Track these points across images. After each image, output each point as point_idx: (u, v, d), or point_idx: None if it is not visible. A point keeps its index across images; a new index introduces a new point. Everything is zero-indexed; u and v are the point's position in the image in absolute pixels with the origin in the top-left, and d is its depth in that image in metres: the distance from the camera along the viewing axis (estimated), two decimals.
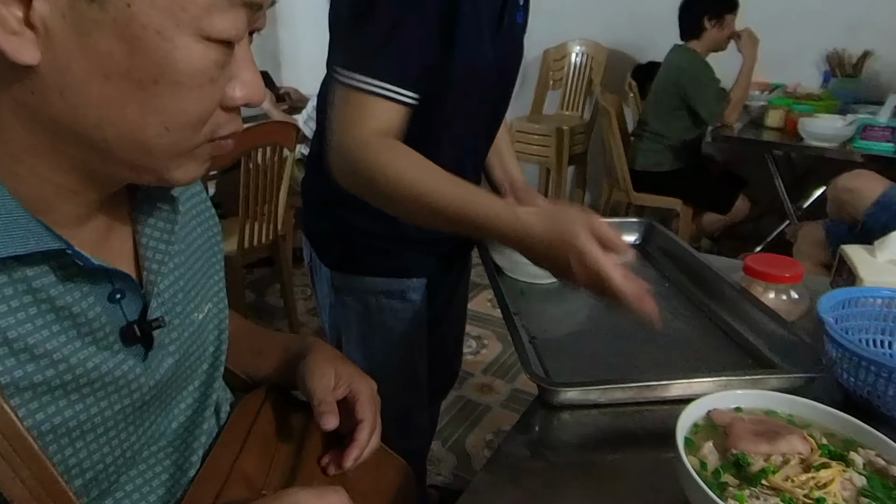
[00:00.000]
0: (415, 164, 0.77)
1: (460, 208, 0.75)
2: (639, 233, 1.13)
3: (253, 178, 2.03)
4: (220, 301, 0.60)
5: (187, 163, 0.45)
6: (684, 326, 0.87)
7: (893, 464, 0.51)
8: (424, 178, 0.76)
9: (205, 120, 0.43)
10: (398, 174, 0.76)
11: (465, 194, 0.75)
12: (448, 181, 0.76)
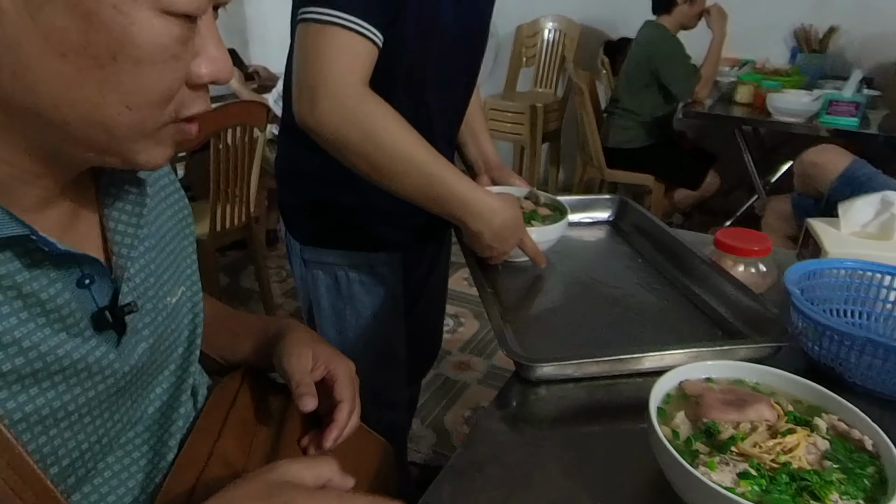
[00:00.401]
0: (405, 123, 0.80)
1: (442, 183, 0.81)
2: (612, 209, 1.15)
3: (223, 159, 1.99)
4: (194, 284, 0.59)
5: (152, 146, 0.43)
6: (656, 300, 0.88)
7: (855, 427, 0.53)
8: (413, 139, 0.80)
9: (169, 98, 0.41)
10: (391, 131, 0.78)
11: (448, 170, 0.82)
12: (431, 151, 0.81)
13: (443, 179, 0.82)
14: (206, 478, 0.53)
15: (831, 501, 0.47)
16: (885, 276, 0.79)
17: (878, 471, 0.50)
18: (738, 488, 0.48)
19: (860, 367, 0.67)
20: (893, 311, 0.79)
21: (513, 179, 1.11)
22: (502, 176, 1.12)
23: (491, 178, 1.13)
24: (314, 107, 0.76)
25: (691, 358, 0.68)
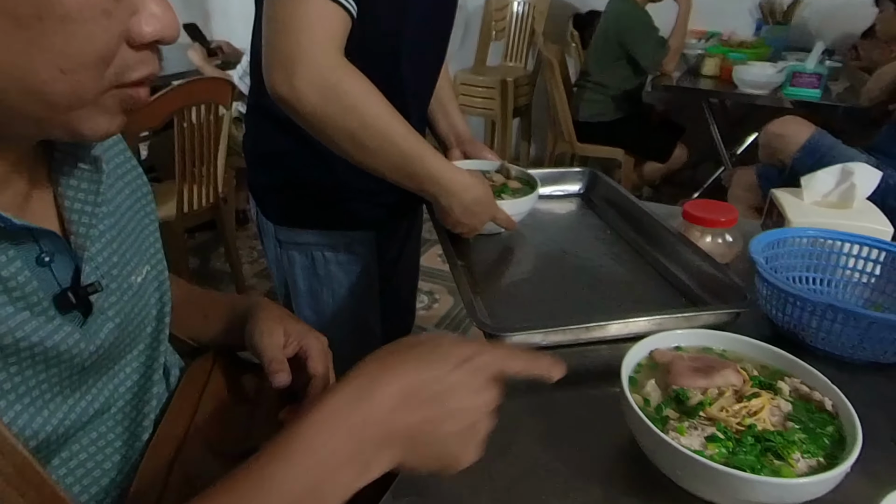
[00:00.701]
0: (382, 97, 0.78)
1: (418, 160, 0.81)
2: (583, 182, 1.15)
3: (188, 138, 1.94)
4: (159, 263, 0.58)
5: (97, 114, 0.41)
6: (625, 271, 0.90)
7: (816, 389, 0.56)
8: (391, 114, 0.79)
9: (106, 59, 0.39)
10: (371, 105, 0.77)
11: (422, 146, 0.82)
12: (401, 119, 0.80)
13: (417, 156, 0.81)
14: (183, 455, 0.53)
15: (793, 460, 0.49)
16: (844, 244, 0.81)
17: (836, 429, 0.52)
18: (706, 451, 0.50)
19: (821, 331, 0.69)
20: (853, 277, 0.81)
21: (485, 153, 1.11)
22: (474, 150, 1.12)
23: (463, 151, 1.12)
24: (291, 79, 0.73)
25: (654, 325, 0.70)
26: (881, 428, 0.60)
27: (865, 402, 0.54)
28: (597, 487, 0.54)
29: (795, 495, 0.47)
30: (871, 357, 0.69)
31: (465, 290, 0.77)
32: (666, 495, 0.52)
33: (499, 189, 1.02)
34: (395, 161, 0.81)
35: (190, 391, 0.60)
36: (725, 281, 0.77)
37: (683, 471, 0.50)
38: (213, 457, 0.56)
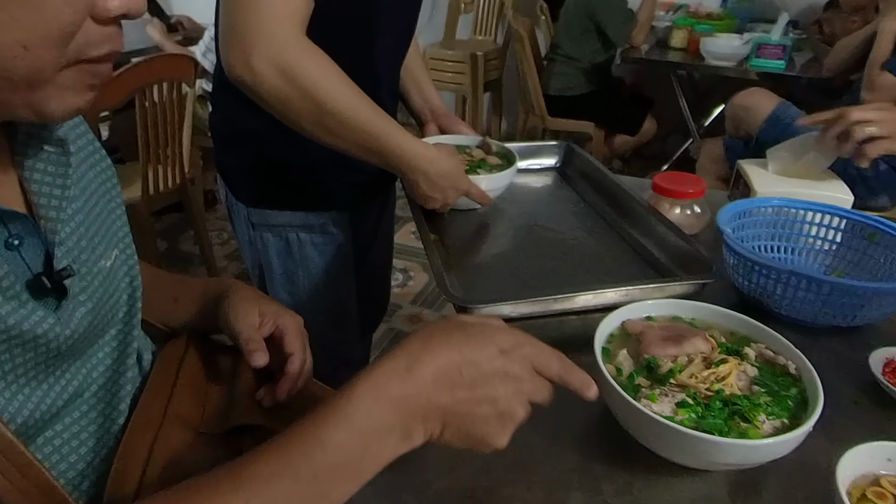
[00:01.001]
0: (345, 77, 0.77)
1: (383, 137, 0.80)
2: (558, 155, 1.16)
3: (151, 118, 1.88)
4: (127, 247, 0.57)
5: (61, 91, 0.39)
6: (596, 244, 0.91)
7: (780, 354, 0.58)
8: (354, 93, 0.78)
9: (70, 34, 0.37)
10: (333, 85, 0.75)
11: (386, 123, 0.81)
12: (369, 100, 0.79)
13: (381, 132, 0.81)
14: (163, 437, 0.53)
15: (759, 422, 0.51)
16: (807, 213, 0.83)
17: (800, 392, 0.54)
18: (676, 417, 0.51)
19: (785, 298, 0.72)
20: (815, 244, 0.84)
21: (460, 127, 1.11)
22: (449, 124, 1.11)
23: (438, 126, 1.12)
24: (248, 58, 0.71)
25: (622, 296, 0.72)
26: (841, 389, 0.63)
27: (827, 365, 0.56)
28: (572, 455, 0.55)
29: (761, 455, 0.49)
30: (831, 321, 0.72)
31: (435, 263, 0.77)
32: (638, 460, 0.54)
33: (476, 164, 1.01)
34: (358, 139, 0.80)
35: (165, 374, 0.59)
36: (693, 252, 0.79)
37: (655, 436, 0.51)
38: (194, 437, 0.55)
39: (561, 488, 0.52)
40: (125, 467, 0.49)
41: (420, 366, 0.42)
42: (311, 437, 0.40)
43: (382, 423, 0.41)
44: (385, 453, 0.41)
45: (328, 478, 0.39)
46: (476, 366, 0.43)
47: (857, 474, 0.48)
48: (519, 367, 0.44)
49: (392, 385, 0.41)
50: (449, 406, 0.42)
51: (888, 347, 0.66)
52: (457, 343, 0.43)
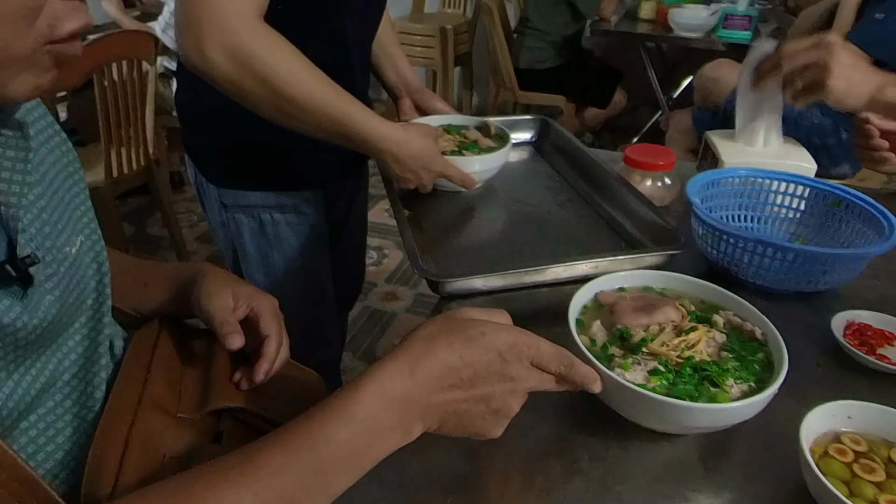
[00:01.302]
0: (302, 61, 0.75)
1: (348, 120, 0.78)
2: (534, 130, 1.16)
3: (111, 97, 1.82)
4: (93, 233, 0.56)
5: (24, 71, 0.38)
6: (569, 216, 0.92)
7: (747, 320, 0.59)
8: (312, 77, 0.76)
9: (34, 11, 0.36)
10: (288, 71, 0.73)
11: (352, 106, 0.79)
12: (334, 89, 0.78)
13: (345, 116, 0.79)
14: (140, 423, 0.52)
15: (728, 387, 0.53)
16: (773, 182, 0.85)
17: (766, 356, 0.56)
18: (649, 384, 0.53)
19: (752, 266, 0.74)
20: (780, 213, 0.86)
21: (435, 102, 1.09)
22: (424, 98, 1.10)
23: (413, 101, 1.10)
24: (201, 45, 0.70)
25: (591, 269, 0.73)
26: (805, 352, 0.65)
27: (791, 330, 0.58)
28: (548, 425, 0.56)
29: (730, 418, 0.51)
30: (796, 287, 0.74)
31: (408, 239, 0.77)
32: (613, 427, 0.55)
33: (466, 145, 0.99)
34: (321, 123, 0.79)
35: (138, 360, 0.58)
36: (662, 224, 0.81)
37: (629, 404, 0.53)
38: (172, 421, 0.55)
39: (538, 457, 0.53)
40: (102, 454, 0.49)
41: (422, 368, 0.43)
42: (317, 434, 0.41)
43: (386, 422, 0.43)
44: (386, 448, 0.43)
45: (332, 471, 0.41)
46: (474, 368, 0.45)
47: (820, 432, 0.51)
48: (516, 368, 0.46)
49: (396, 386, 0.43)
50: (447, 405, 0.45)
51: (849, 311, 0.69)
52: (458, 346, 0.45)
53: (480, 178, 0.96)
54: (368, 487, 0.49)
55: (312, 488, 0.40)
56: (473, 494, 0.50)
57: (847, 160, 2.07)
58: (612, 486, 0.51)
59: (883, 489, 0.47)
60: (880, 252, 0.70)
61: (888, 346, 0.66)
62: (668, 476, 0.52)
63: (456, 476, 0.52)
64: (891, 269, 0.82)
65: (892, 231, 0.72)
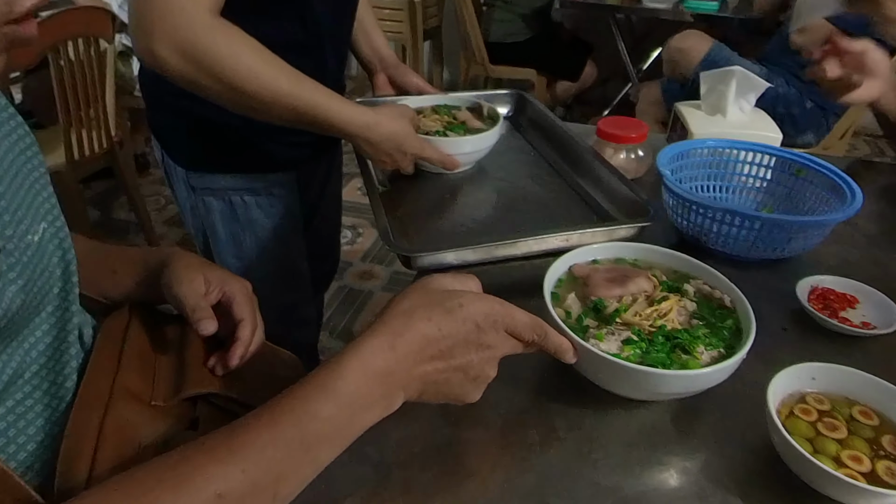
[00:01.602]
0: (259, 54, 0.74)
1: (316, 108, 0.77)
2: (510, 104, 1.16)
3: (68, 77, 1.75)
4: (56, 219, 0.54)
5: None
6: (543, 191, 0.93)
7: (717, 288, 0.61)
8: (270, 68, 0.74)
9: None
10: (244, 63, 0.72)
11: (319, 95, 0.78)
12: (300, 78, 0.77)
13: (309, 104, 0.78)
14: (113, 412, 0.51)
15: (698, 353, 0.54)
16: (740, 152, 0.87)
17: (734, 322, 0.57)
18: (623, 353, 0.54)
19: (720, 235, 0.75)
20: (747, 182, 0.88)
21: (410, 77, 1.08)
22: (399, 74, 1.09)
23: (388, 76, 1.09)
24: (151, 45, 0.69)
25: (562, 242, 0.74)
26: (772, 317, 0.67)
27: (758, 296, 0.59)
28: (526, 396, 0.57)
29: (701, 384, 0.52)
30: (762, 255, 0.76)
31: (380, 215, 0.77)
32: (589, 396, 0.56)
33: (453, 126, 0.98)
34: (284, 114, 0.77)
35: (109, 348, 0.57)
36: (633, 197, 0.81)
37: (604, 373, 0.54)
38: (146, 409, 0.54)
39: (517, 428, 0.54)
40: (75, 445, 0.48)
41: (402, 343, 0.45)
42: (301, 410, 0.42)
43: (369, 396, 0.43)
44: (369, 420, 0.44)
45: (318, 445, 0.42)
46: (453, 339, 0.46)
47: (786, 394, 0.53)
48: (492, 337, 0.48)
49: (377, 361, 0.44)
50: (427, 376, 0.46)
51: (813, 276, 0.71)
52: (436, 319, 0.46)
53: (466, 160, 0.95)
54: (350, 465, 0.50)
55: (299, 462, 0.41)
56: (453, 466, 0.51)
57: (811, 129, 2.12)
58: (588, 454, 0.52)
59: (845, 445, 0.49)
60: (842, 219, 0.72)
61: (850, 310, 0.68)
62: (642, 441, 0.53)
63: (436, 449, 0.52)
64: (852, 235, 0.84)
65: (853, 198, 0.74)
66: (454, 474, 0.50)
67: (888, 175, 1.06)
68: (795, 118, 2.07)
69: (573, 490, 0.49)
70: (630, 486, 0.49)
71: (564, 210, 0.88)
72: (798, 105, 2.06)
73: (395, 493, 0.49)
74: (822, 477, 0.46)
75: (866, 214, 0.79)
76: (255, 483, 0.39)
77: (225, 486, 0.38)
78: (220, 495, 0.38)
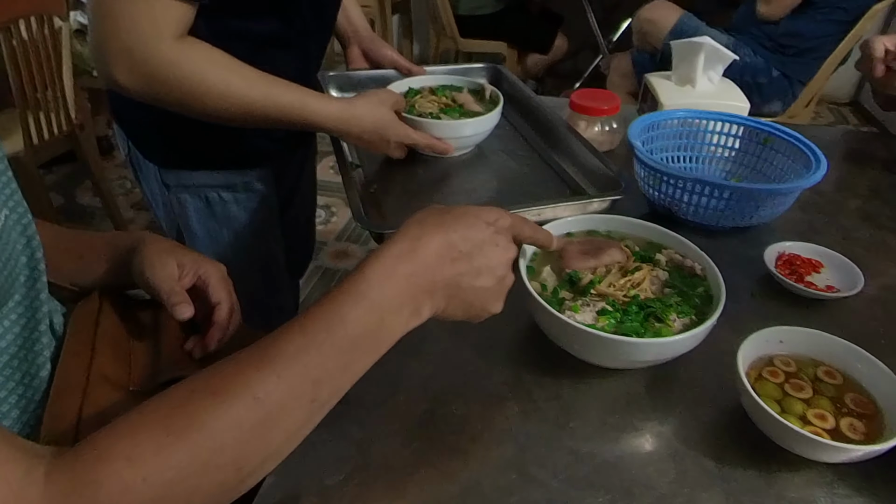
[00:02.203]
0: (225, 69, 0.73)
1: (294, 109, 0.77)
2: (486, 78, 1.15)
3: (21, 58, 1.68)
4: (18, 205, 0.52)
5: None
6: (518, 166, 0.93)
7: (687, 257, 0.62)
8: (241, 80, 0.74)
9: None
10: (211, 82, 0.72)
11: (294, 94, 0.78)
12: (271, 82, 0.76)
13: (284, 109, 0.77)
14: (91, 399, 0.51)
15: (671, 321, 0.55)
16: (709, 122, 0.88)
17: (705, 290, 0.59)
18: (598, 324, 0.55)
19: (691, 205, 0.76)
20: (716, 152, 0.89)
21: (385, 50, 1.06)
22: (374, 47, 1.07)
23: (362, 49, 1.07)
24: (112, 72, 0.69)
25: (534, 216, 0.75)
26: (741, 284, 0.69)
27: (728, 263, 0.61)
28: (504, 369, 0.58)
29: (675, 350, 0.54)
30: (731, 223, 0.77)
31: (353, 193, 0.76)
32: (566, 367, 0.58)
33: (447, 109, 0.95)
34: (259, 121, 0.77)
35: (81, 335, 0.56)
36: (605, 170, 0.82)
37: (580, 344, 0.55)
38: (125, 396, 0.54)
39: (496, 401, 0.55)
40: (53, 435, 0.47)
41: (422, 246, 0.45)
42: (331, 314, 0.42)
43: (395, 298, 0.44)
44: (398, 327, 0.44)
45: (350, 349, 0.42)
46: (471, 240, 0.47)
47: (755, 357, 0.54)
48: (504, 237, 0.49)
49: (400, 265, 0.44)
50: (452, 279, 0.46)
51: (780, 243, 0.73)
52: (450, 223, 0.47)
53: (460, 144, 0.92)
54: (332, 443, 0.50)
55: (332, 368, 0.41)
56: (434, 441, 0.52)
57: (777, 97, 2.15)
58: (566, 423, 0.53)
59: (810, 405, 0.51)
60: (808, 186, 0.74)
61: (815, 274, 0.70)
62: (618, 409, 0.55)
63: (416, 424, 0.53)
64: (817, 202, 0.87)
65: (818, 165, 0.76)
66: (435, 449, 0.51)
67: (851, 142, 1.08)
68: (762, 87, 2.09)
69: (552, 458, 0.50)
70: (607, 451, 0.51)
71: (538, 184, 0.88)
72: (765, 74, 2.08)
73: (377, 469, 0.49)
74: (790, 435, 0.48)
75: (830, 181, 0.81)
76: (291, 387, 0.40)
77: (262, 390, 0.39)
78: (258, 399, 0.38)
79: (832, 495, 0.48)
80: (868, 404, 0.51)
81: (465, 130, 0.91)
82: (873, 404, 0.51)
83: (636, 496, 0.47)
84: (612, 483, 0.48)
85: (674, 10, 2.21)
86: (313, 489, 0.47)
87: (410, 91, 1.00)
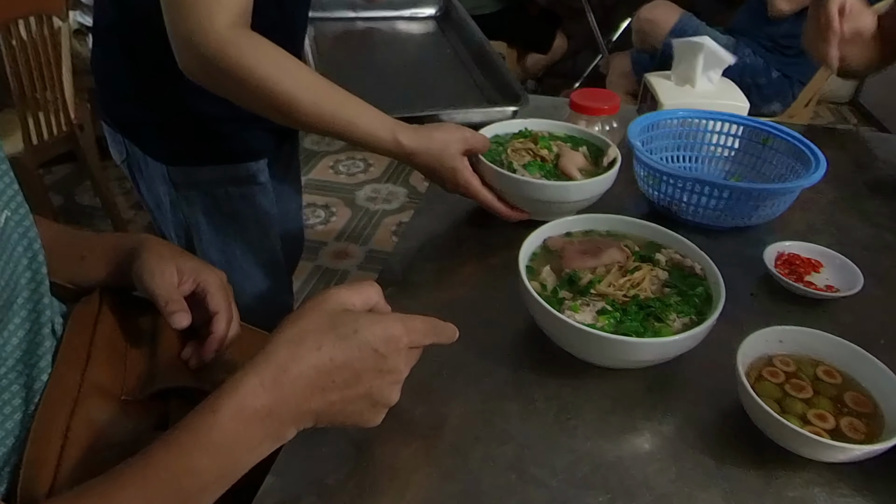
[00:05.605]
0: (274, 63, 0.71)
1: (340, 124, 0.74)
2: (438, 4, 1.21)
3: (21, 58, 1.68)
4: (19, 207, 0.52)
5: None
6: (445, 77, 1.03)
7: (687, 257, 0.62)
8: (301, 87, 0.72)
9: None
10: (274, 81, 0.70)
11: (346, 110, 0.74)
12: (326, 91, 0.73)
13: (330, 121, 0.74)
14: (81, 411, 0.50)
15: (671, 321, 0.55)
16: (708, 122, 0.88)
17: (705, 290, 0.59)
18: (597, 324, 0.55)
19: (690, 204, 0.76)
20: (716, 152, 0.89)
21: None
22: None
23: None
24: (180, 61, 0.70)
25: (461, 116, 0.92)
26: (740, 284, 0.69)
27: (728, 263, 0.61)
28: (504, 369, 0.58)
29: (674, 350, 0.54)
30: (731, 223, 0.77)
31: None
32: (566, 367, 0.58)
33: (532, 163, 0.78)
34: (309, 128, 0.75)
35: (78, 339, 0.55)
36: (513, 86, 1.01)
37: (579, 344, 0.55)
38: (117, 405, 0.53)
39: (496, 400, 0.55)
40: (39, 451, 0.46)
41: (287, 377, 0.41)
42: (177, 466, 0.39)
43: (251, 440, 0.41)
44: (256, 459, 0.42)
45: (199, 496, 0.40)
46: (349, 369, 0.42)
47: (755, 357, 0.54)
48: (394, 361, 0.44)
49: (257, 402, 0.40)
50: (320, 408, 0.43)
51: (779, 242, 0.73)
52: (328, 348, 0.42)
53: (535, 209, 0.75)
54: (332, 443, 0.50)
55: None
56: (435, 441, 0.52)
57: (777, 97, 2.15)
58: (566, 423, 0.53)
59: (811, 405, 0.51)
60: (807, 185, 0.74)
61: (814, 274, 0.70)
62: (618, 408, 0.55)
63: (416, 424, 0.53)
64: (817, 201, 0.87)
65: (818, 164, 0.76)
66: (436, 449, 0.51)
67: (850, 141, 1.08)
68: (762, 88, 2.09)
69: (552, 458, 0.50)
70: (607, 451, 0.51)
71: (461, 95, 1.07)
72: (764, 75, 2.08)
73: (377, 469, 0.49)
74: (790, 435, 0.48)
75: (830, 180, 0.81)
76: None
77: None
78: None
79: (832, 495, 0.48)
80: (868, 404, 0.51)
81: (539, 193, 0.73)
82: (873, 404, 0.51)
83: (636, 496, 0.47)
84: (612, 483, 0.48)
85: (674, 10, 2.21)
86: (313, 489, 0.47)
87: (520, 134, 0.84)
